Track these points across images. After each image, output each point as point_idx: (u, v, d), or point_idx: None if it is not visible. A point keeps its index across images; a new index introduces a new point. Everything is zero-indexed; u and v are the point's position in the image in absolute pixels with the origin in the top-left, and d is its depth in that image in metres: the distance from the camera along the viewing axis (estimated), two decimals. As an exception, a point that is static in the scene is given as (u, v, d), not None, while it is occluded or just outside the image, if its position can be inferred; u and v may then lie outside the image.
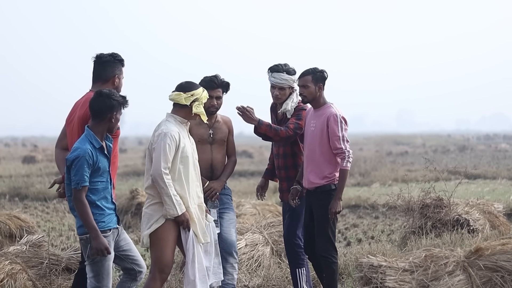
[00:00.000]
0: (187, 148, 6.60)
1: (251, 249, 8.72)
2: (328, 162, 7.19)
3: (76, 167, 5.91)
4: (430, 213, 10.34)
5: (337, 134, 7.13)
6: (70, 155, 5.96)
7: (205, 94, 6.71)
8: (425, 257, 5.97)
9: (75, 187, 5.91)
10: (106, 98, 6.09)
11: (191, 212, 6.54)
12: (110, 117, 6.12)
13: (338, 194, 7.14)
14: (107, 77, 6.60)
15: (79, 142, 6.03)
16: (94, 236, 5.91)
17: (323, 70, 7.37)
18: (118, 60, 6.67)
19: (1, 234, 9.89)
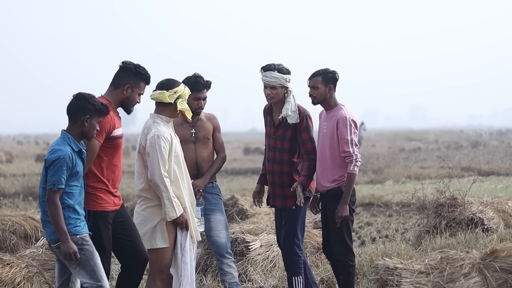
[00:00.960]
0: (178, 148, 6.65)
1: (266, 249, 8.71)
2: (339, 165, 7.14)
3: (55, 168, 5.76)
4: (445, 212, 10.31)
5: (345, 137, 7.07)
6: (50, 156, 5.81)
7: (187, 90, 6.70)
8: (440, 259, 5.96)
9: (51, 188, 5.74)
10: (81, 100, 5.96)
11: (188, 212, 6.59)
12: (83, 121, 5.93)
13: (344, 198, 7.08)
14: (118, 84, 6.39)
15: (59, 144, 5.90)
16: (64, 240, 5.74)
17: (334, 71, 7.30)
18: (138, 72, 6.41)
19: (16, 235, 9.93)
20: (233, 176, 28.91)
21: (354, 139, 7.09)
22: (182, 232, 6.56)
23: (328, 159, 7.17)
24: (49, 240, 5.94)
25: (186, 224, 6.53)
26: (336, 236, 7.17)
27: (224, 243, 7.47)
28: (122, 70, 6.43)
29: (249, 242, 8.60)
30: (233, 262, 7.57)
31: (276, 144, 7.39)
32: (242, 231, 8.89)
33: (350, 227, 7.23)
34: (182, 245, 6.55)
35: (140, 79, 6.42)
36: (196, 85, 7.34)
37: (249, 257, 8.51)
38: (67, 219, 5.83)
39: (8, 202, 19.45)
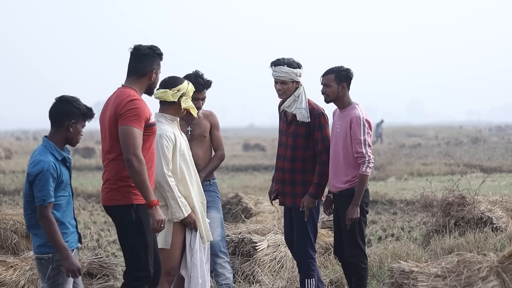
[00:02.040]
0: (183, 146, 6.51)
1: (273, 250, 8.55)
2: (352, 166, 6.97)
3: (41, 182, 5.31)
4: (454, 211, 10.16)
5: (358, 137, 6.89)
6: (32, 169, 5.35)
7: (190, 87, 6.57)
8: (457, 262, 5.80)
9: (41, 204, 5.30)
10: (65, 103, 5.52)
11: (196, 212, 6.45)
12: (68, 126, 5.51)
13: (355, 200, 6.91)
14: (144, 72, 6.05)
15: (40, 154, 5.43)
16: (65, 256, 5.32)
17: (348, 69, 7.13)
18: (158, 54, 6.12)
19: (18, 234, 9.78)
20: (234, 172, 28.77)
21: (368, 140, 6.92)
22: (191, 233, 6.41)
23: (341, 159, 7.01)
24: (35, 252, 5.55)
25: (195, 224, 6.38)
26: (348, 238, 7.02)
27: (217, 242, 7.28)
28: (143, 57, 6.07)
29: (256, 242, 8.44)
30: (228, 263, 7.39)
31: (287, 141, 7.22)
32: (249, 231, 8.73)
33: (363, 228, 7.08)
34: (191, 246, 6.41)
35: (160, 59, 6.16)
36: (196, 85, 7.10)
37: (256, 257, 8.35)
38: None
39: (8, 199, 19.31)
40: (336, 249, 7.29)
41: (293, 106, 7.14)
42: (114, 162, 5.86)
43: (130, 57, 6.14)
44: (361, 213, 6.95)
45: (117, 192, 5.85)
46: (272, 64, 7.20)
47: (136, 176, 5.70)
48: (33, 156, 5.47)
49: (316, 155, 7.13)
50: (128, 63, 6.15)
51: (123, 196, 5.83)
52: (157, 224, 5.76)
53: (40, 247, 5.46)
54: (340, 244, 7.16)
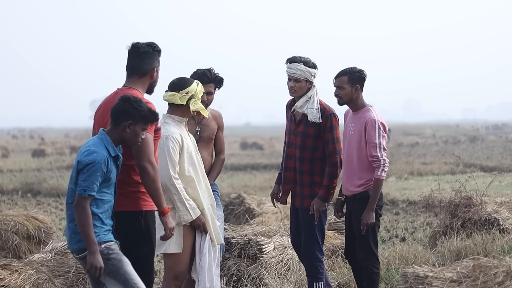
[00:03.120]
0: (191, 148, 6.35)
1: (280, 252, 8.42)
2: (366, 169, 6.82)
3: (89, 172, 5.20)
4: (461, 212, 10.03)
5: (374, 141, 6.74)
6: (84, 158, 5.23)
7: (200, 88, 6.37)
8: (473, 267, 5.66)
9: (80, 193, 5.18)
10: (125, 102, 5.38)
11: (206, 214, 6.31)
12: (125, 126, 5.36)
13: (371, 204, 6.77)
14: (146, 71, 5.87)
15: (95, 145, 5.32)
16: (92, 251, 5.16)
17: (361, 70, 6.98)
18: (157, 51, 5.94)
19: (19, 236, 9.64)
20: (233, 171, 28.67)
21: (383, 143, 6.78)
22: (201, 236, 6.28)
23: (355, 162, 6.87)
24: (72, 249, 5.40)
25: (204, 227, 6.25)
26: (361, 242, 6.89)
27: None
28: (142, 55, 5.88)
29: (262, 244, 8.30)
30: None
31: (296, 140, 7.09)
32: (255, 233, 8.60)
33: (376, 232, 6.95)
34: (201, 249, 6.28)
35: (159, 56, 5.99)
36: (201, 76, 6.89)
37: (263, 260, 8.22)
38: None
39: (7, 199, 19.21)
40: (347, 252, 7.17)
41: (304, 106, 7.02)
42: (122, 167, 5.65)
43: (129, 56, 5.94)
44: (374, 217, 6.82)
45: (126, 198, 5.67)
46: (288, 61, 7.08)
47: (150, 184, 5.57)
48: (86, 145, 5.36)
49: (324, 157, 7.00)
50: (127, 63, 5.94)
51: (132, 202, 5.69)
52: (169, 232, 5.74)
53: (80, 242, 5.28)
54: (351, 247, 7.04)
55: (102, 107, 5.90)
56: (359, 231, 6.83)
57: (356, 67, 7.01)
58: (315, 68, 7.04)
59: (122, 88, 5.88)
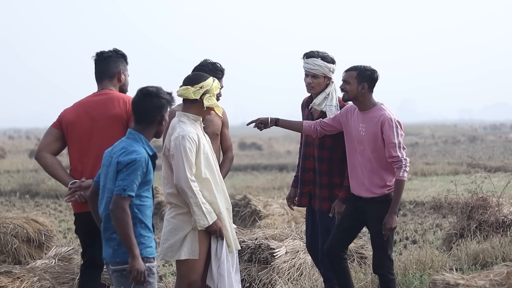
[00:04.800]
0: (207, 148, 5.98)
1: (292, 256, 8.06)
2: (387, 170, 6.45)
3: (128, 171, 4.91)
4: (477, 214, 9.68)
5: (393, 141, 6.33)
6: (124, 158, 4.95)
7: (216, 84, 6.01)
8: (507, 274, 5.34)
9: (119, 193, 4.86)
10: (154, 97, 5.15)
11: (222, 219, 5.95)
12: (161, 120, 5.20)
13: (393, 207, 6.40)
14: (113, 73, 6.13)
15: (131, 145, 5.06)
16: (137, 255, 4.85)
17: (374, 70, 6.56)
18: (121, 55, 6.20)
19: (19, 239, 9.27)
20: (233, 172, 28.26)
21: (402, 142, 6.40)
22: (217, 241, 5.91)
23: (374, 163, 6.46)
24: (114, 261, 5.04)
25: (221, 232, 5.88)
26: (377, 246, 6.52)
27: None
28: (107, 59, 6.15)
29: (274, 248, 7.94)
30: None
31: (314, 140, 6.77)
32: (266, 237, 8.23)
33: (392, 238, 6.58)
34: (218, 255, 5.91)
35: (124, 61, 6.24)
36: (215, 73, 6.46)
37: (274, 265, 7.85)
38: (138, 236, 4.96)
39: (4, 200, 18.89)
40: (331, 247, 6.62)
41: (323, 103, 6.69)
42: None
43: (95, 64, 6.19)
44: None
45: None
46: (305, 56, 6.75)
47: None
48: (120, 146, 5.09)
49: (344, 157, 6.66)
50: (95, 71, 6.20)
51: None
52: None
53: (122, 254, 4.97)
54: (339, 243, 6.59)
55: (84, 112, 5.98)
56: (377, 236, 6.45)
57: (370, 66, 6.60)
58: (334, 63, 6.73)
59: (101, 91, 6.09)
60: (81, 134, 5.97)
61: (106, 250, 5.10)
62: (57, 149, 6.10)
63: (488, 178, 10.33)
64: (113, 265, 5.05)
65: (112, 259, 5.05)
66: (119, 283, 5.05)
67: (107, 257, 5.09)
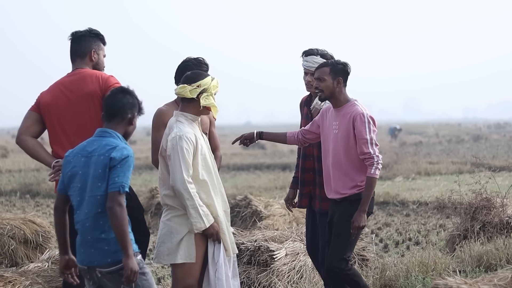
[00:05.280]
0: (205, 149, 5.83)
1: (292, 259, 7.91)
2: (358, 169, 6.17)
3: (123, 168, 4.78)
4: (481, 215, 9.51)
5: (364, 136, 6.07)
6: (117, 154, 4.81)
7: (214, 83, 5.85)
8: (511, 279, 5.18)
9: (118, 190, 4.71)
10: (129, 95, 5.07)
11: (220, 222, 5.79)
12: (131, 119, 5.06)
13: (363, 206, 6.08)
14: (84, 53, 6.11)
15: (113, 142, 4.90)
16: (131, 255, 4.69)
17: (345, 63, 6.32)
18: (94, 34, 6.17)
19: (16, 240, 9.16)
20: (235, 171, 28.18)
21: (374, 138, 6.11)
22: (214, 245, 5.76)
23: (344, 163, 6.20)
24: (99, 264, 4.84)
25: (218, 235, 5.73)
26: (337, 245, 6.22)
27: None
28: (78, 39, 6.13)
29: (274, 251, 7.78)
30: None
31: None
32: (265, 239, 8.07)
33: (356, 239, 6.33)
34: (215, 259, 5.76)
35: (99, 40, 6.20)
36: (199, 67, 6.26)
37: (274, 267, 7.69)
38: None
39: (5, 200, 18.77)
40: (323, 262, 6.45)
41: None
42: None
43: (70, 44, 6.18)
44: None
45: None
46: (304, 54, 6.59)
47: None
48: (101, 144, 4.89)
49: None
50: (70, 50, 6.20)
51: None
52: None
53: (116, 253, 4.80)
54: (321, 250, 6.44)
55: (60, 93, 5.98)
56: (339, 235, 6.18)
57: (339, 59, 6.40)
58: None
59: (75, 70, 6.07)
60: (58, 115, 5.97)
61: (92, 254, 4.87)
62: (37, 132, 6.10)
63: (492, 178, 10.16)
64: (105, 267, 4.82)
65: (103, 261, 4.83)
66: (117, 283, 4.83)
67: (94, 261, 4.85)
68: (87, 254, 4.86)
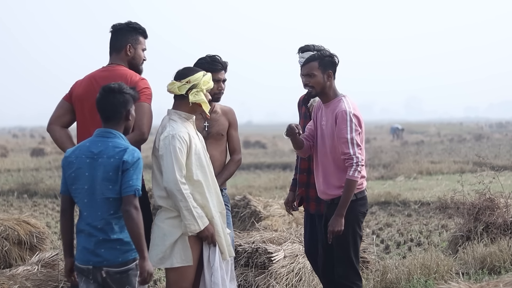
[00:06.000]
0: (199, 148, 5.63)
1: (291, 261, 7.71)
2: (343, 169, 5.87)
3: (136, 171, 4.82)
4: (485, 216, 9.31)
5: (344, 136, 5.75)
6: (130, 157, 4.82)
7: (206, 78, 5.66)
8: (517, 284, 4.99)
9: (133, 194, 4.75)
10: (118, 94, 5.03)
11: (215, 224, 5.59)
12: (127, 115, 5.05)
13: (340, 209, 5.77)
14: (120, 46, 5.94)
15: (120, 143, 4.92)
16: (146, 257, 4.78)
17: (332, 54, 6.01)
18: (132, 28, 5.99)
19: (9, 241, 8.98)
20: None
21: (356, 138, 5.77)
22: (209, 248, 5.56)
23: (330, 161, 5.95)
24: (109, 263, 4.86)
25: (213, 238, 5.53)
26: (340, 254, 5.96)
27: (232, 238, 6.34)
28: (116, 33, 5.99)
29: (272, 252, 7.58)
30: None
31: None
32: (263, 240, 7.88)
33: (358, 244, 6.02)
34: (210, 263, 5.56)
35: (137, 34, 6.01)
36: (213, 64, 6.14)
37: (272, 270, 7.49)
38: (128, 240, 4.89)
39: (2, 200, 18.55)
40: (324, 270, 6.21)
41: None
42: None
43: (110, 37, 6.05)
44: (356, 225, 5.94)
45: None
46: (300, 50, 6.34)
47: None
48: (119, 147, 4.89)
49: None
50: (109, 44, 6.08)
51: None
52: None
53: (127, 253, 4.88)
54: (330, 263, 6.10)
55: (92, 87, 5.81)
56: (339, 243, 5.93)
57: (326, 50, 6.13)
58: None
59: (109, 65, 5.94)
60: (89, 109, 5.81)
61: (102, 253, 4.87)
62: (67, 122, 6.01)
63: (496, 178, 9.96)
64: (115, 267, 4.86)
65: (113, 261, 4.86)
66: (122, 284, 4.89)
67: (104, 261, 4.86)
68: (95, 254, 4.87)
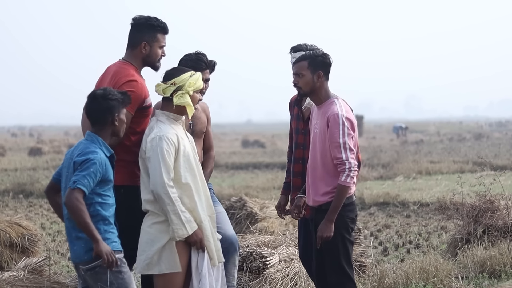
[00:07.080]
0: (188, 150, 5.46)
1: (286, 265, 7.54)
2: (333, 174, 5.68)
3: (82, 167, 5.01)
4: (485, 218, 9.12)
5: (337, 140, 5.57)
6: (79, 158, 5.05)
7: (193, 79, 5.50)
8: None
9: (70, 186, 4.94)
10: (102, 100, 5.18)
11: (204, 228, 5.43)
12: (112, 120, 5.20)
13: (330, 215, 5.60)
14: (135, 43, 5.77)
15: (88, 146, 5.12)
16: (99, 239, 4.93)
17: (325, 54, 5.79)
18: (151, 24, 5.75)
19: (1, 244, 8.81)
20: (234, 170, 27.75)
21: (348, 143, 5.59)
22: (198, 253, 5.38)
23: (319, 166, 5.75)
24: (79, 261, 5.09)
25: (202, 243, 5.35)
26: (331, 261, 5.78)
27: (234, 235, 6.16)
28: (134, 28, 5.79)
29: (267, 256, 7.42)
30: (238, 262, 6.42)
31: (305, 140, 6.18)
32: (258, 244, 7.71)
33: (349, 250, 5.82)
34: (199, 269, 5.38)
35: (155, 31, 5.78)
36: (197, 63, 5.97)
37: (267, 274, 7.33)
38: (102, 233, 5.02)
39: (-3, 200, 18.32)
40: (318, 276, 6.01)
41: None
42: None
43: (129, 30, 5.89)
44: (345, 231, 5.73)
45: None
46: (292, 50, 6.14)
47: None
48: (79, 148, 5.18)
49: None
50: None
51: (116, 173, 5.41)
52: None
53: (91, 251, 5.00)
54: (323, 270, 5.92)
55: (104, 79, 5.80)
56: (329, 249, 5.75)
57: (319, 50, 5.94)
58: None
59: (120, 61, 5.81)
60: None
61: (74, 251, 5.11)
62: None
63: (496, 178, 9.77)
64: (84, 265, 5.07)
65: (81, 259, 5.07)
66: (95, 281, 5.06)
67: (76, 258, 5.11)
68: (72, 251, 5.14)
